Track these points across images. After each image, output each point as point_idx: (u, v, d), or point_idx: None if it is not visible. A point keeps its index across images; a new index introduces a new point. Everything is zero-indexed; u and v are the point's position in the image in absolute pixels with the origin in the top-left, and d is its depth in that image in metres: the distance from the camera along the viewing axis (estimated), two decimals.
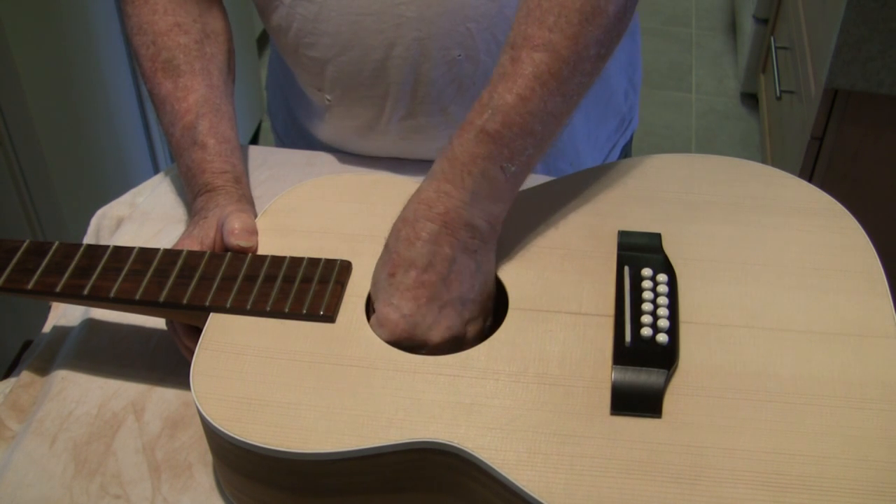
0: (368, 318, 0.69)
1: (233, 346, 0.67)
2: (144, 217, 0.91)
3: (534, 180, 0.80)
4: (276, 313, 0.69)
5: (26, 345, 0.93)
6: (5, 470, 0.70)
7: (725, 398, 0.62)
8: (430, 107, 0.90)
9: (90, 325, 0.82)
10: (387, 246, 0.69)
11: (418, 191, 0.69)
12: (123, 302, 0.71)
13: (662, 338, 0.65)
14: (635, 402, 0.62)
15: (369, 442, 0.60)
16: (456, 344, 0.68)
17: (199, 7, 0.87)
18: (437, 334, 0.68)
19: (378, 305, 0.68)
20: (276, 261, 0.73)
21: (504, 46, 0.70)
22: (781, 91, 1.92)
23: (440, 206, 0.68)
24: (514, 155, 0.68)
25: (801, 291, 0.69)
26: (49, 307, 0.89)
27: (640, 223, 0.75)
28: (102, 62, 1.59)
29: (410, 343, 0.67)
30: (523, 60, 0.68)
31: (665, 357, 0.64)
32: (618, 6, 0.70)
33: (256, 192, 0.87)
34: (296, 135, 1.04)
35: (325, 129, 0.97)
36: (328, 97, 0.91)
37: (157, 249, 0.74)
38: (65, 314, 0.84)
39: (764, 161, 2.05)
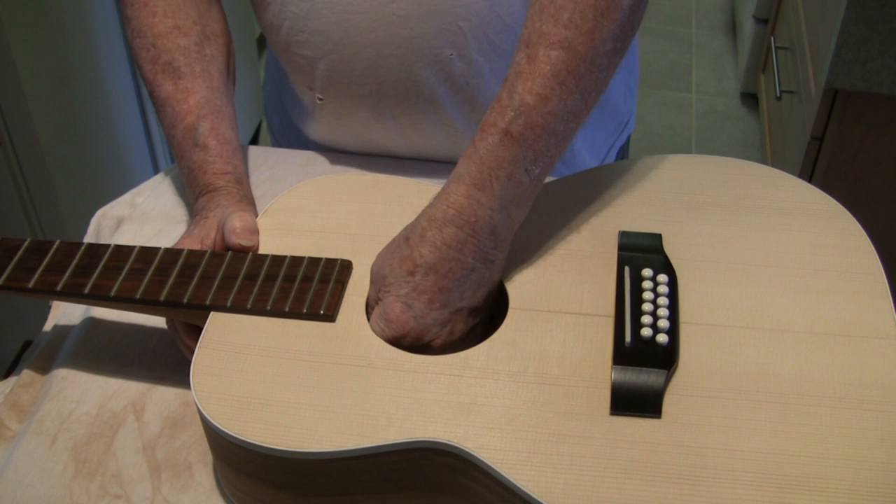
0: (368, 318, 0.69)
1: (233, 345, 0.67)
2: (144, 217, 0.91)
3: None
4: (277, 312, 0.69)
5: (26, 345, 0.93)
6: (5, 470, 0.70)
7: (725, 399, 0.62)
8: (424, 105, 0.90)
9: (90, 324, 0.82)
10: (407, 240, 0.68)
11: (446, 192, 0.68)
12: (124, 301, 0.71)
13: (662, 338, 0.65)
14: (635, 402, 0.62)
15: (369, 441, 0.60)
16: (455, 346, 0.69)
17: (198, 9, 0.87)
18: (441, 339, 0.68)
19: (388, 299, 0.67)
20: (277, 260, 0.73)
21: (518, 45, 0.69)
22: (781, 91, 1.92)
23: (470, 213, 0.67)
24: (537, 157, 0.68)
25: (801, 292, 0.69)
26: (49, 306, 0.89)
27: (641, 224, 0.75)
28: (102, 62, 1.59)
29: (411, 344, 0.67)
30: (540, 59, 0.67)
31: (665, 357, 0.64)
32: None
33: (256, 192, 0.87)
34: (291, 135, 1.04)
35: (318, 129, 0.97)
36: (319, 96, 0.91)
37: (158, 248, 0.74)
38: (65, 313, 0.84)
39: (764, 161, 2.05)
